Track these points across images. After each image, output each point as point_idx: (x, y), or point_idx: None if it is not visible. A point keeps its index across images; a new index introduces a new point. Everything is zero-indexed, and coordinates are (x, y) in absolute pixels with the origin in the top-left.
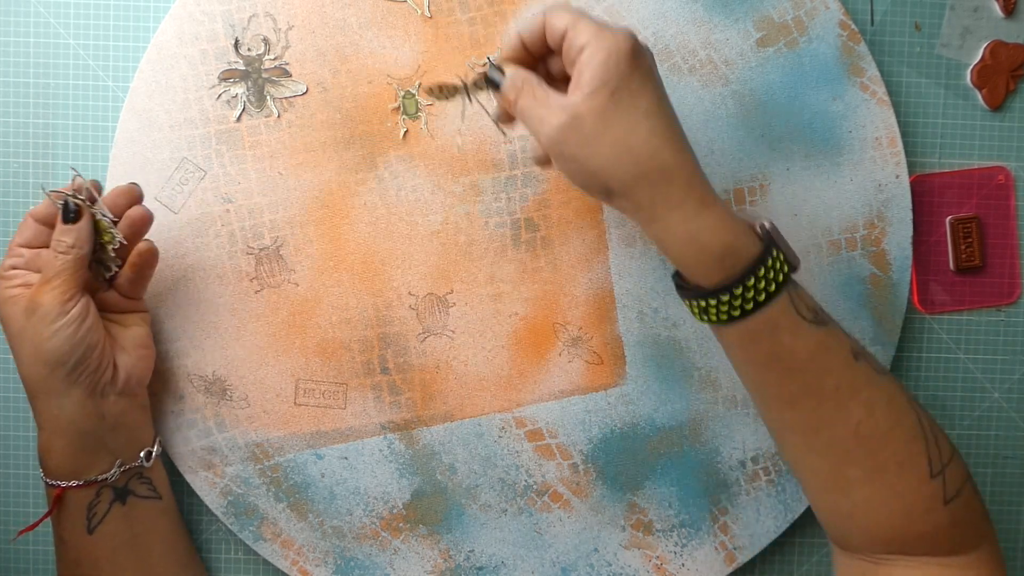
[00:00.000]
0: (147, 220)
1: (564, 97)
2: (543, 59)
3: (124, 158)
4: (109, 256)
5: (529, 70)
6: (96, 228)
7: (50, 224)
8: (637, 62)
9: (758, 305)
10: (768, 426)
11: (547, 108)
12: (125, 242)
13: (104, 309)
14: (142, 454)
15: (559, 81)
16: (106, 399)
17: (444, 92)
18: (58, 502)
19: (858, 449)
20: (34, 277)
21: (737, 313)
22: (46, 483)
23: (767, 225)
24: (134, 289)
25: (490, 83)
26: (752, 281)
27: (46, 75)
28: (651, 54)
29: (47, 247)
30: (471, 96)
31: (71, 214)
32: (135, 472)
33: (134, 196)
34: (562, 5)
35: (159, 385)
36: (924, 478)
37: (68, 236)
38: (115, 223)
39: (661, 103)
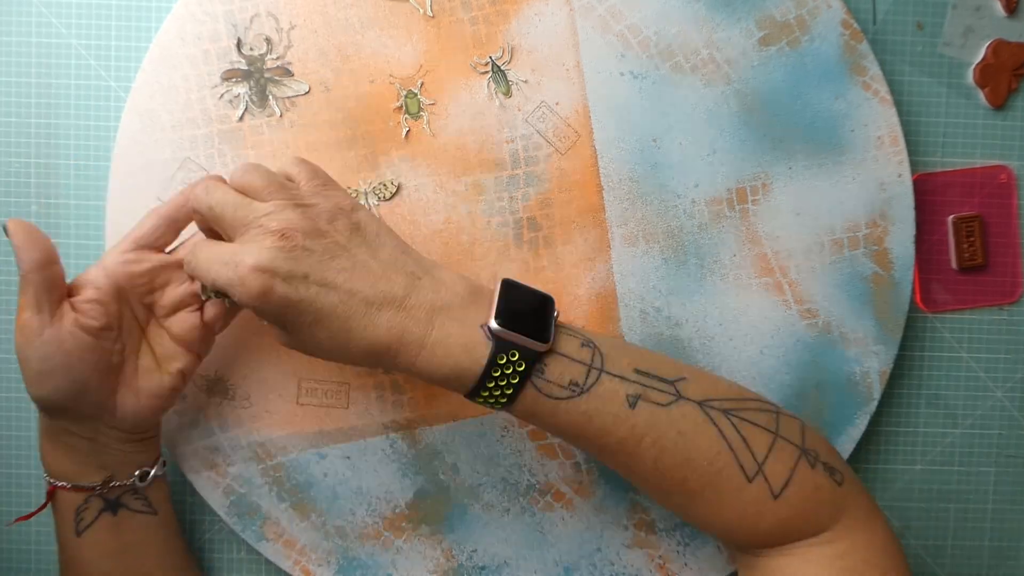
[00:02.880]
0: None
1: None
2: None
3: (126, 158)
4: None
5: None
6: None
7: (175, 225)
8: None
9: (505, 404)
10: None
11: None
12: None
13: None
14: (136, 473)
15: None
16: (96, 427)
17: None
18: (49, 498)
19: (667, 481)
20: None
21: (498, 407)
22: (45, 477)
23: (493, 326)
24: (202, 344)
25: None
26: (486, 392)
27: (48, 75)
28: (330, 210)
29: (161, 249)
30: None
31: None
32: (128, 488)
33: None
34: (190, 187)
35: None
36: (742, 485)
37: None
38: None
39: (340, 270)
